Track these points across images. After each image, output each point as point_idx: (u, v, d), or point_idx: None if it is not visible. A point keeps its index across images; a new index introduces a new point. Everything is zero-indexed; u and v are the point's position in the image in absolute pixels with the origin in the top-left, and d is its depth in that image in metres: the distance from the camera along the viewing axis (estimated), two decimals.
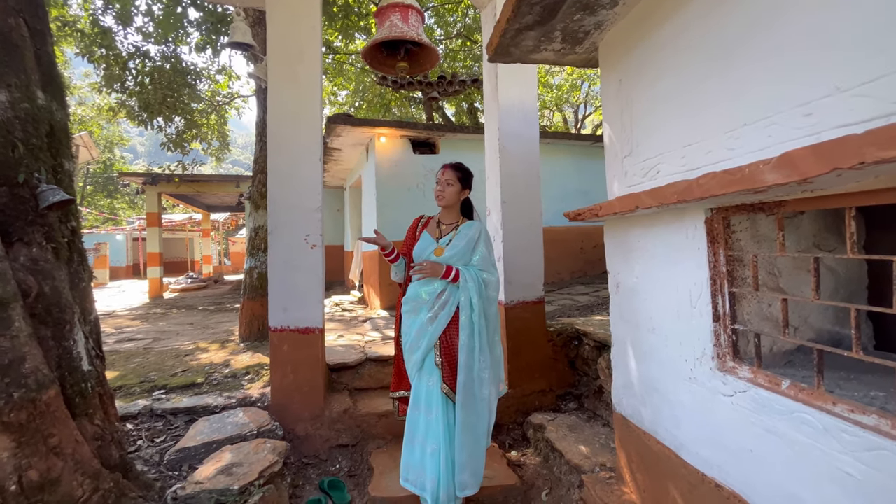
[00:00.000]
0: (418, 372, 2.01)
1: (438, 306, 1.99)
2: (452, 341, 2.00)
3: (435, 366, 1.98)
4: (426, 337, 1.98)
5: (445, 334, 1.99)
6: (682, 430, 1.51)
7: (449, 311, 1.99)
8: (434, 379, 1.97)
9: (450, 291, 1.99)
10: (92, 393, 1.76)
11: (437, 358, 1.99)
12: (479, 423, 1.93)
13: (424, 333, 1.98)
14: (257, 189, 4.55)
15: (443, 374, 1.97)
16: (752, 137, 1.16)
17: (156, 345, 4.49)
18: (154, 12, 6.04)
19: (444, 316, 1.98)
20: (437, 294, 2.00)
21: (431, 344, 1.99)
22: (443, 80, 6.12)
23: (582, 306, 4.48)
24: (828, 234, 1.37)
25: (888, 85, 0.85)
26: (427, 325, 1.98)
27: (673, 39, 1.48)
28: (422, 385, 1.99)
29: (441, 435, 1.90)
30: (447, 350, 1.99)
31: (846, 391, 1.09)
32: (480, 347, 1.95)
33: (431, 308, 1.99)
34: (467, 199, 2.18)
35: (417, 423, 1.97)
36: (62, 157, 1.88)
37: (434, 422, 1.93)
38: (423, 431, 1.95)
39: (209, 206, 14.08)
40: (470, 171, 2.16)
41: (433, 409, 1.94)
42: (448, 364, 1.98)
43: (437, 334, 1.98)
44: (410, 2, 2.55)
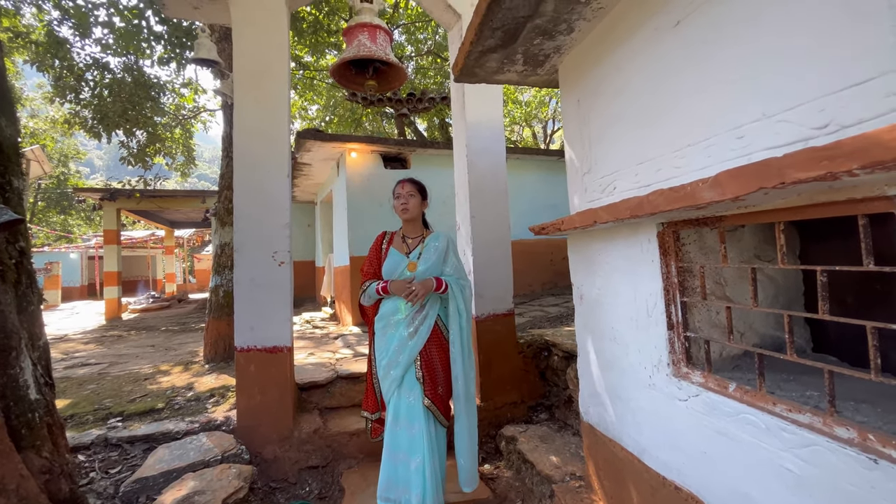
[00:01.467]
0: (398, 388, 2.00)
1: (419, 321, 2.01)
2: (431, 355, 2.02)
3: (416, 380, 1.99)
4: (406, 352, 1.98)
5: (425, 349, 2.01)
6: (644, 435, 1.56)
7: (429, 324, 2.01)
8: (415, 394, 1.97)
9: (429, 305, 2.02)
10: (40, 423, 1.66)
11: (418, 372, 1.99)
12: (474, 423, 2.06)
13: (404, 348, 1.99)
14: (223, 205, 4.45)
15: (424, 389, 1.97)
16: (695, 157, 1.25)
17: (112, 369, 4.25)
18: (115, 24, 5.88)
19: (424, 330, 2.00)
20: (416, 309, 2.02)
21: (412, 359, 1.99)
22: (412, 96, 6.21)
23: (552, 317, 4.57)
24: (766, 246, 1.47)
25: (805, 112, 0.95)
26: (407, 341, 1.99)
27: (625, 63, 1.58)
28: (402, 401, 1.98)
29: (425, 449, 1.89)
30: (427, 364, 2.00)
31: (786, 392, 1.17)
32: (469, 353, 2.06)
33: (412, 323, 2.00)
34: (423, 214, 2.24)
35: (398, 439, 1.96)
36: (11, 174, 1.80)
37: (417, 436, 1.92)
38: (406, 447, 1.94)
39: (173, 222, 13.57)
40: (424, 186, 2.22)
41: (416, 423, 1.94)
42: (430, 379, 1.99)
43: (418, 349, 1.99)
44: (378, 22, 2.61)
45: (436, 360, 2.02)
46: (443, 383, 2.02)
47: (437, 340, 2.04)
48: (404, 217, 2.13)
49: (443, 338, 2.06)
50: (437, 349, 2.03)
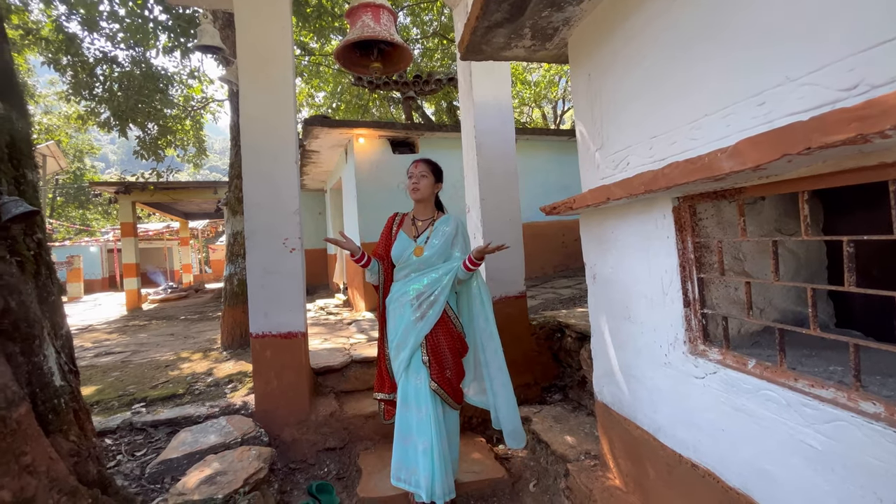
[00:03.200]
0: (405, 370, 2.02)
1: (427, 304, 2.00)
2: (438, 339, 2.02)
3: (422, 364, 2.00)
4: (413, 335, 2.00)
5: (432, 333, 2.01)
6: (660, 413, 1.55)
7: (437, 310, 2.00)
8: (422, 377, 1.98)
9: (440, 290, 2.01)
10: (66, 409, 1.71)
11: (424, 356, 2.00)
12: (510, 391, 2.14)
13: (411, 331, 2.00)
14: (234, 194, 4.48)
15: (430, 372, 1.98)
16: (713, 127, 1.20)
17: (135, 357, 4.38)
18: (120, 15, 5.88)
19: (432, 315, 2.00)
20: (425, 292, 2.01)
21: (418, 342, 2.00)
22: (419, 79, 6.12)
23: (564, 299, 4.54)
24: (788, 219, 1.42)
25: (832, 73, 0.90)
26: (415, 324, 2.00)
27: (637, 34, 1.52)
28: (409, 384, 2.00)
29: (432, 431, 1.91)
30: (433, 348, 2.01)
31: (807, 367, 1.14)
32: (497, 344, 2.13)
33: (420, 307, 2.00)
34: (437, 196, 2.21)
35: (408, 421, 1.98)
36: (24, 167, 1.82)
37: (425, 419, 1.94)
38: (415, 429, 1.96)
39: (187, 213, 13.77)
40: (440, 166, 2.18)
41: (423, 406, 1.95)
42: (436, 361, 2.00)
43: (425, 332, 2.00)
44: (381, 2, 2.55)
45: (443, 344, 2.02)
46: (451, 367, 2.03)
47: (445, 326, 2.03)
48: (415, 197, 2.11)
49: (450, 323, 2.06)
50: (445, 335, 2.03)
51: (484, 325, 2.12)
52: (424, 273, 2.04)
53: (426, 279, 2.02)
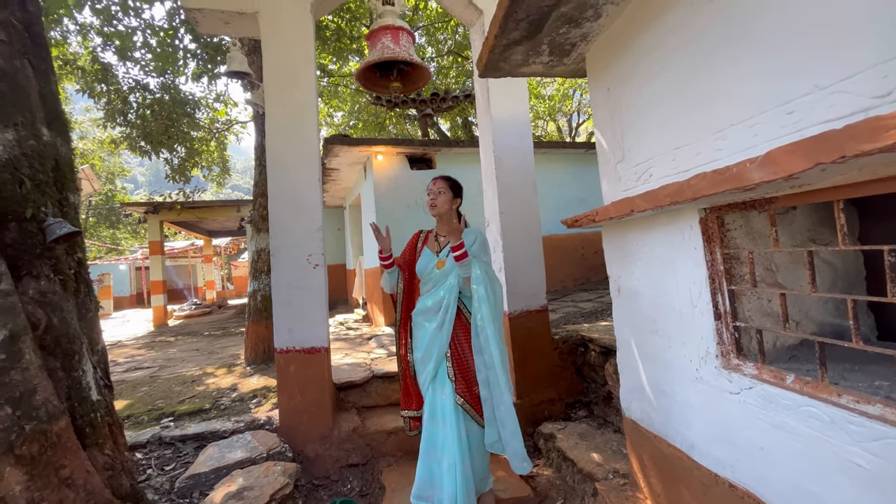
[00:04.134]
0: (431, 383, 2.02)
1: (443, 311, 2.01)
2: (464, 351, 2.02)
3: (448, 378, 1.99)
4: (437, 345, 2.01)
5: (454, 342, 2.01)
6: (693, 430, 1.50)
7: (452, 313, 2.01)
8: (447, 391, 1.97)
9: (449, 293, 2.02)
10: (101, 422, 1.77)
11: (450, 370, 2.00)
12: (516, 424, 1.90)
13: (435, 342, 2.01)
14: (258, 212, 4.60)
15: (456, 386, 1.97)
16: (739, 137, 1.19)
17: (162, 372, 4.48)
18: (152, 45, 6.20)
19: (448, 320, 2.00)
20: (442, 300, 2.03)
21: (443, 352, 2.01)
22: (436, 96, 6.23)
23: (586, 313, 4.47)
24: (822, 228, 1.38)
25: (864, 81, 0.88)
26: (437, 333, 2.01)
27: (657, 46, 1.52)
28: (436, 398, 1.99)
29: (457, 448, 1.89)
30: (458, 361, 2.01)
31: (851, 382, 1.09)
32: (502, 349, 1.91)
33: (437, 316, 2.02)
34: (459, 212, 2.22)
35: (434, 436, 1.96)
36: (67, 190, 1.92)
37: (450, 435, 1.91)
38: (441, 445, 1.94)
39: (211, 231, 14.18)
40: (459, 183, 2.20)
41: (447, 421, 1.94)
42: (461, 375, 1.99)
43: (447, 340, 2.00)
44: (400, 23, 2.63)
45: (467, 354, 2.01)
46: (477, 382, 2.01)
47: (464, 328, 2.03)
48: (433, 213, 2.14)
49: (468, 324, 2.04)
50: (466, 337, 2.02)
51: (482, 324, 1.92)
52: (442, 284, 2.06)
53: (442, 290, 2.04)
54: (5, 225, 1.56)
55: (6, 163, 1.58)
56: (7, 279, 1.45)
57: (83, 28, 6.20)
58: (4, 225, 1.56)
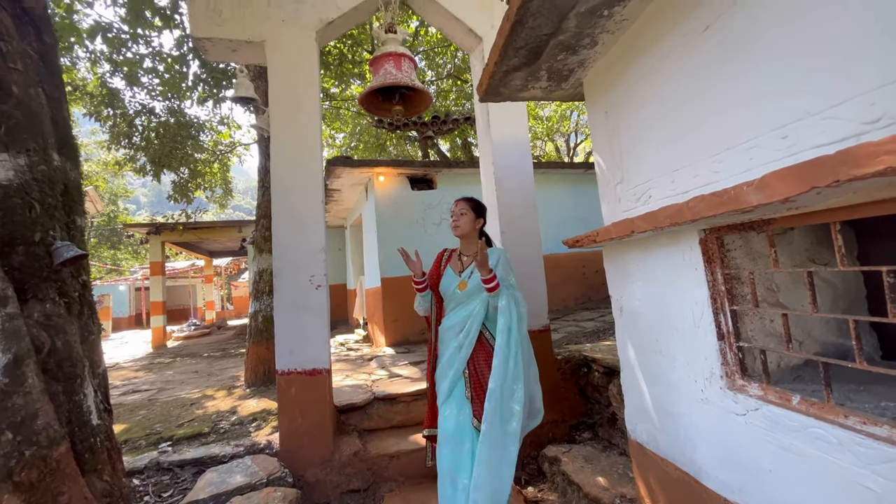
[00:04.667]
0: (445, 402, 2.00)
1: (464, 335, 2.00)
2: (482, 373, 1.98)
3: (465, 399, 1.97)
4: (454, 366, 2.00)
5: (473, 363, 1.99)
6: (700, 453, 1.48)
7: (473, 338, 1.99)
8: (465, 412, 1.95)
9: (472, 319, 2.00)
10: (101, 448, 1.74)
11: (467, 391, 1.98)
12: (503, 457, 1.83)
13: (453, 362, 2.01)
14: (261, 233, 4.63)
15: (473, 408, 1.95)
16: (736, 160, 1.22)
17: (161, 395, 4.42)
18: (159, 70, 6.36)
19: (468, 344, 1.99)
20: (464, 324, 2.02)
21: (459, 372, 2.00)
22: (437, 119, 6.35)
23: (588, 332, 4.45)
24: (820, 248, 1.40)
25: (854, 107, 0.92)
26: (455, 354, 2.01)
27: (652, 71, 1.57)
28: (451, 418, 1.96)
29: (470, 469, 1.84)
30: (476, 383, 1.98)
31: (857, 403, 1.09)
32: (515, 377, 1.89)
33: (458, 338, 2.02)
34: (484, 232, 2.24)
35: (449, 457, 1.92)
36: (75, 213, 1.95)
37: (466, 456, 1.88)
38: (454, 466, 1.89)
39: (212, 251, 14.21)
40: (482, 203, 2.22)
41: (466, 442, 1.90)
42: (478, 397, 1.95)
43: (465, 361, 1.99)
44: (402, 50, 2.72)
45: (486, 373, 1.96)
46: None
47: (484, 352, 2.00)
48: (456, 234, 2.16)
49: (490, 349, 2.00)
50: (486, 361, 1.98)
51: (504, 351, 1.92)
52: (465, 306, 2.05)
53: (465, 312, 2.03)
54: (13, 248, 1.58)
55: (18, 188, 1.61)
56: (13, 302, 1.45)
57: (93, 55, 6.38)
58: (13, 248, 1.58)
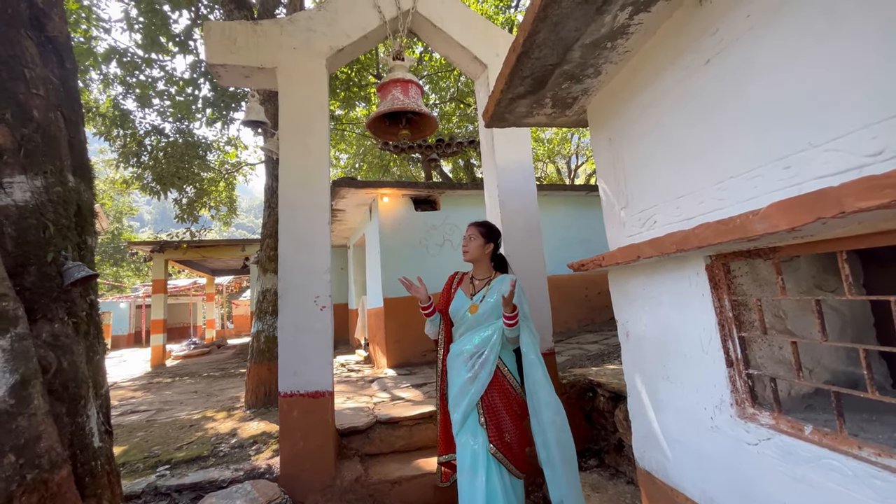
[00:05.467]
0: (460, 433, 1.95)
1: (479, 364, 1.95)
2: (494, 400, 1.94)
3: (479, 426, 1.92)
4: (467, 397, 1.94)
5: (487, 395, 1.94)
6: (711, 483, 1.45)
7: (489, 370, 1.94)
8: (479, 440, 1.89)
9: (489, 349, 1.95)
10: (101, 471, 1.72)
11: (481, 418, 1.92)
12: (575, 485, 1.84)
13: (466, 393, 1.94)
14: (265, 253, 4.65)
15: (489, 434, 1.89)
16: (740, 189, 1.24)
17: (159, 416, 4.36)
18: (171, 93, 6.54)
19: (484, 375, 1.93)
20: (477, 351, 1.97)
21: (473, 404, 1.94)
22: (441, 142, 6.46)
23: (592, 355, 4.41)
24: (827, 275, 1.41)
25: (855, 140, 0.94)
26: (468, 385, 1.95)
27: (656, 101, 1.62)
28: (467, 448, 1.91)
29: (485, 499, 1.79)
30: (490, 410, 1.93)
31: (870, 434, 1.08)
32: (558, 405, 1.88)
33: (472, 367, 1.95)
34: (501, 255, 2.23)
35: (462, 489, 1.87)
36: (87, 234, 1.98)
37: (480, 488, 1.81)
38: (471, 497, 1.83)
39: (214, 270, 14.25)
40: (495, 228, 2.22)
41: (479, 472, 1.84)
42: (493, 425, 1.91)
43: (479, 394, 1.93)
44: (410, 77, 2.80)
45: (500, 405, 1.94)
46: (511, 431, 1.92)
47: (500, 385, 1.96)
48: (465, 259, 2.17)
49: (506, 383, 1.98)
50: (500, 394, 1.95)
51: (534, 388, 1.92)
52: (477, 332, 2.02)
53: (478, 338, 2.00)
54: (26, 269, 1.60)
55: (33, 209, 1.64)
56: (24, 323, 1.46)
57: (106, 77, 6.56)
58: (25, 269, 1.59)
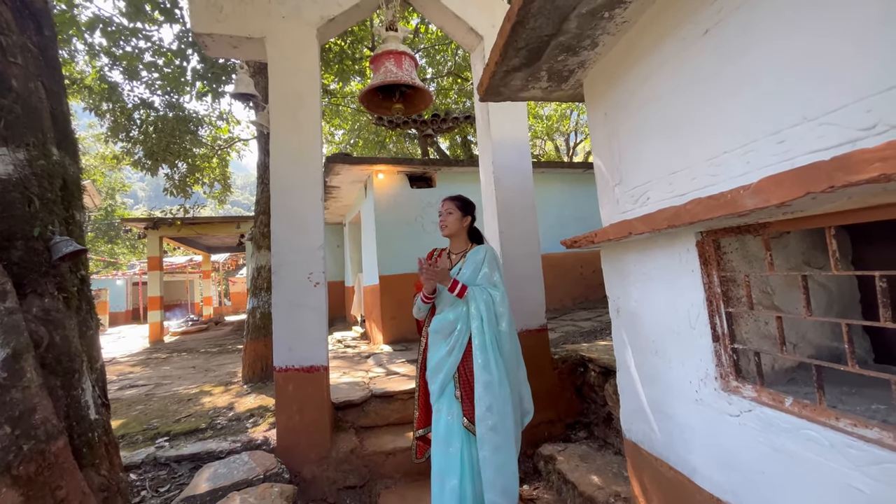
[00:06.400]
0: (437, 402, 2.03)
1: (454, 339, 2.01)
2: (471, 374, 1.99)
3: (455, 399, 1.99)
4: (444, 370, 2.01)
5: (463, 367, 2.00)
6: (694, 454, 1.50)
7: (463, 342, 2.00)
8: (454, 412, 1.97)
9: (462, 323, 2.01)
10: (98, 442, 1.75)
11: (457, 391, 1.99)
12: (501, 456, 1.86)
13: (443, 365, 2.01)
14: (259, 230, 4.63)
15: (463, 408, 1.96)
16: (733, 164, 1.23)
17: (158, 390, 4.43)
18: (159, 65, 6.34)
19: (458, 348, 2.00)
20: (452, 328, 2.02)
21: (449, 376, 2.01)
22: (437, 117, 6.35)
23: (585, 332, 4.47)
24: (815, 252, 1.41)
25: (850, 114, 0.93)
26: (445, 358, 2.01)
27: (652, 74, 1.58)
28: (441, 418, 1.99)
29: (459, 470, 1.88)
30: (465, 384, 1.99)
31: (849, 406, 1.10)
32: (500, 379, 1.91)
33: (448, 342, 2.02)
34: (475, 228, 2.25)
35: (436, 458, 1.96)
36: (74, 209, 1.95)
37: (454, 456, 1.91)
38: (443, 467, 1.93)
39: (210, 247, 14.19)
40: (469, 201, 2.24)
41: (454, 442, 1.93)
42: (467, 397, 1.97)
43: (455, 367, 2.00)
44: (403, 48, 2.72)
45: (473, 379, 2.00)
46: None
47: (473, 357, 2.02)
48: (443, 234, 2.18)
49: None
50: None
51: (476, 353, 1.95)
52: (455, 306, 2.06)
53: (454, 313, 2.04)
54: (13, 243, 1.58)
55: (17, 182, 1.61)
56: (12, 297, 1.45)
57: (91, 48, 6.34)
58: (12, 243, 1.58)
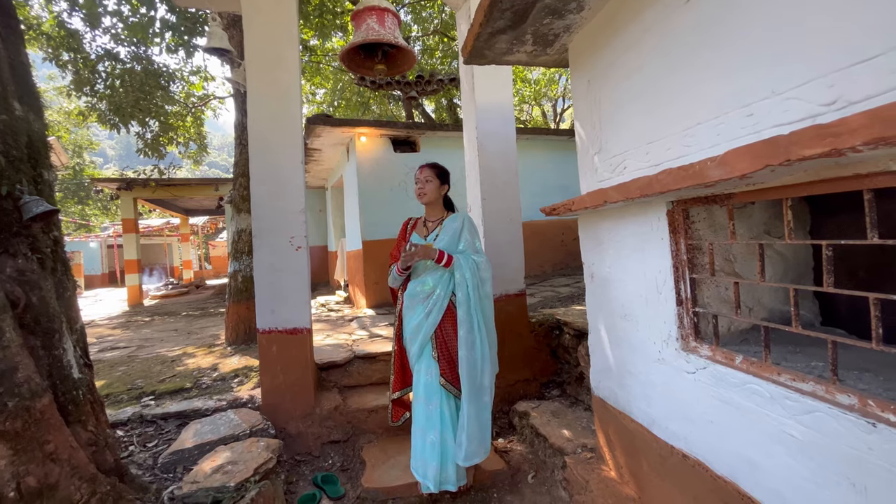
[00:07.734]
0: (416, 362, 2.14)
1: (432, 303, 2.09)
2: (448, 336, 2.10)
3: (433, 359, 2.10)
4: (422, 332, 2.10)
5: (440, 328, 2.10)
6: (654, 407, 1.62)
7: (441, 306, 2.09)
8: (433, 372, 2.09)
9: (442, 288, 2.09)
10: (83, 400, 1.78)
11: (434, 352, 2.10)
12: (483, 410, 2.04)
13: (421, 328, 2.10)
14: (238, 192, 4.53)
15: (440, 368, 2.08)
16: (705, 136, 1.27)
17: (140, 352, 4.44)
18: (123, 13, 5.91)
19: (436, 311, 2.09)
20: (431, 292, 2.10)
21: (427, 338, 2.11)
22: (421, 79, 6.16)
23: (563, 297, 4.62)
24: (777, 222, 1.49)
25: (814, 89, 0.96)
26: (423, 320, 2.10)
27: (636, 42, 1.58)
28: (420, 378, 2.11)
29: (441, 425, 2.03)
30: (442, 344, 2.10)
31: (791, 363, 1.21)
32: (481, 341, 2.03)
33: (426, 305, 2.10)
34: (447, 196, 2.27)
35: (419, 415, 2.10)
36: (42, 167, 1.88)
37: (434, 413, 2.05)
38: (424, 422, 2.07)
39: (188, 209, 13.80)
40: (446, 169, 2.26)
41: (433, 400, 2.07)
42: (444, 358, 2.09)
43: (433, 329, 2.09)
44: (386, 5, 2.60)
45: (452, 338, 2.09)
46: None
47: (452, 319, 2.10)
48: (422, 201, 2.20)
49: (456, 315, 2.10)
50: (454, 327, 2.09)
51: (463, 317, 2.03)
52: (431, 272, 2.13)
53: (432, 278, 2.12)
54: None
55: None
56: None
57: None
58: None
